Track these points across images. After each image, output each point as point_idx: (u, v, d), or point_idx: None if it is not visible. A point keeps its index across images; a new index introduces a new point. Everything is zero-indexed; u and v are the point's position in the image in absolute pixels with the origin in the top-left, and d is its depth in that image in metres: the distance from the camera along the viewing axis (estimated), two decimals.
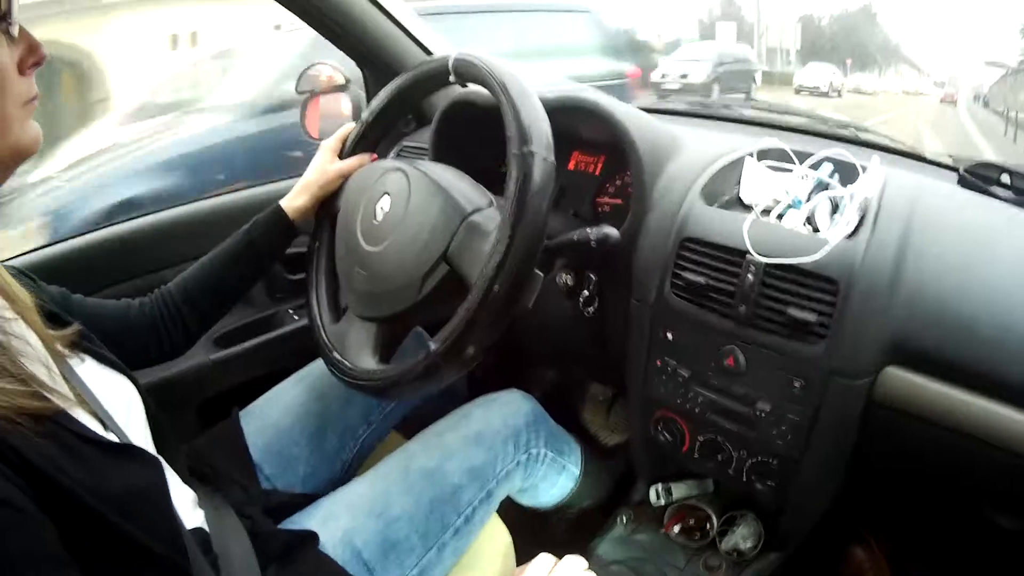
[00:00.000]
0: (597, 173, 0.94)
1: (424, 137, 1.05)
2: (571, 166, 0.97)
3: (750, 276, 0.69)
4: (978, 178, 0.83)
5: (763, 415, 0.73)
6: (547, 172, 0.58)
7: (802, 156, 0.78)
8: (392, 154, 1.13)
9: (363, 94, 1.15)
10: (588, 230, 0.66)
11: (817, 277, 0.67)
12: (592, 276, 0.85)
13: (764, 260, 0.68)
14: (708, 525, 0.87)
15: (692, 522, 0.89)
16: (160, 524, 0.40)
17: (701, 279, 0.73)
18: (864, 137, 1.01)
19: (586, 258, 0.85)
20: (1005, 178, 0.82)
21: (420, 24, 1.12)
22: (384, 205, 0.71)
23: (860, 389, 0.68)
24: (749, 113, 1.12)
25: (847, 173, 0.77)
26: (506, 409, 0.81)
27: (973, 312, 0.64)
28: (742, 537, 0.86)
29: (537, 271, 0.59)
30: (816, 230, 0.73)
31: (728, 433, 0.78)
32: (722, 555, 0.86)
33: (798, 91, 12.15)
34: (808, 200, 0.75)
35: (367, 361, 0.68)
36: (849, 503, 0.86)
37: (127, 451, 0.46)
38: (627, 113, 0.83)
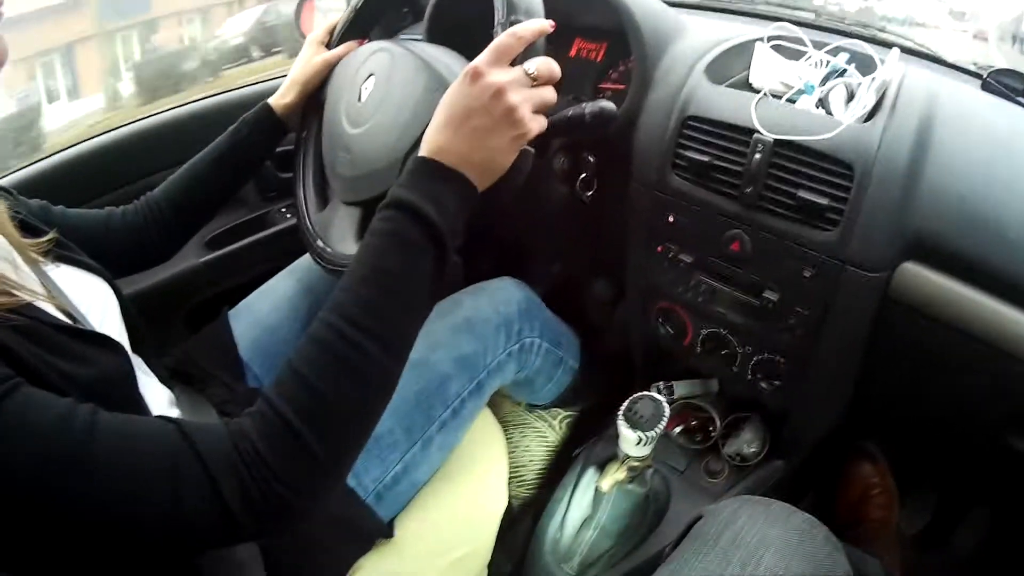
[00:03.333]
0: (599, 60, 0.89)
1: (421, 30, 1.01)
2: (572, 53, 0.91)
3: (758, 155, 0.65)
4: (1003, 85, 0.77)
5: (771, 306, 0.69)
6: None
7: (818, 45, 0.73)
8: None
9: None
10: (583, 105, 0.62)
11: (830, 159, 0.63)
12: (590, 159, 0.81)
13: (773, 137, 0.63)
14: (711, 427, 0.84)
15: (694, 423, 0.86)
16: (127, 411, 0.39)
17: (705, 158, 0.69)
18: (883, 36, 0.94)
19: (583, 139, 0.81)
20: None
21: None
22: (368, 86, 0.68)
23: (875, 282, 0.64)
24: (763, 8, 1.04)
25: (865, 64, 0.72)
26: (497, 296, 0.77)
27: (998, 213, 0.60)
28: (746, 442, 0.83)
29: (528, 147, 0.55)
30: (830, 115, 0.67)
31: (733, 326, 0.74)
32: (725, 459, 0.83)
33: None
34: (823, 85, 0.70)
35: (350, 247, 0.66)
36: (858, 415, 0.83)
37: (96, 339, 0.45)
38: None
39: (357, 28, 0.80)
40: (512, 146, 0.48)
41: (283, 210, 1.14)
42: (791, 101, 0.69)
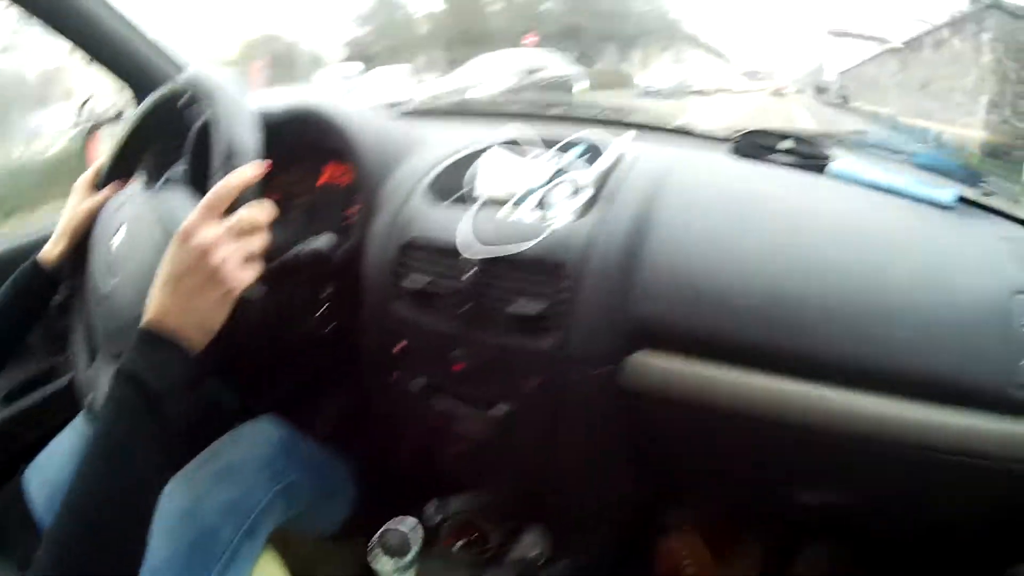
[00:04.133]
0: (346, 183, 0.88)
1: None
2: (321, 181, 0.90)
3: (470, 273, 0.65)
4: (752, 146, 0.83)
5: (506, 418, 0.68)
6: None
7: (552, 142, 0.76)
8: (160, 182, 1.06)
9: None
10: (299, 247, 0.62)
11: (542, 264, 0.64)
12: (328, 290, 0.79)
13: (479, 254, 0.64)
14: (490, 537, 0.82)
15: (475, 535, 0.84)
16: None
17: (425, 281, 0.69)
18: (635, 119, 1.00)
19: (317, 273, 0.79)
20: (786, 144, 0.83)
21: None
22: (120, 235, 0.66)
23: (605, 379, 0.64)
24: (515, 107, 1.11)
25: (598, 155, 0.74)
26: (257, 438, 0.77)
27: (725, 283, 0.62)
28: (528, 546, 0.80)
29: (253, 292, 0.53)
30: (551, 216, 0.69)
31: (477, 441, 0.73)
32: (509, 566, 0.80)
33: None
34: (548, 184, 0.72)
35: None
36: (648, 496, 0.83)
37: None
38: (351, 116, 0.79)
39: (121, 168, 0.76)
40: (222, 303, 0.50)
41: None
42: (518, 205, 0.70)
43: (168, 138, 0.90)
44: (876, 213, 0.74)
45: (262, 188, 0.53)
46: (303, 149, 0.83)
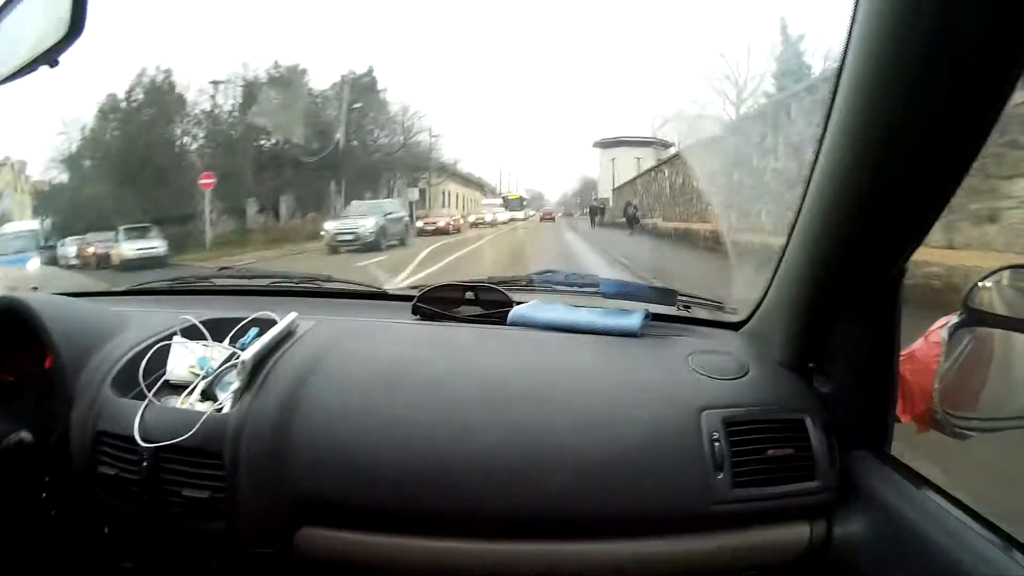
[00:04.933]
0: (48, 372, 0.86)
1: None
2: (25, 369, 0.87)
3: (145, 463, 0.70)
4: (434, 303, 0.87)
5: None
6: None
7: (231, 324, 0.80)
8: None
9: None
10: (5, 441, 0.64)
11: (201, 452, 0.68)
12: (46, 478, 0.80)
13: (149, 445, 0.69)
14: None
15: None
16: None
17: (115, 471, 0.72)
18: (328, 287, 1.06)
19: (25, 464, 0.79)
20: (469, 295, 0.89)
21: None
22: None
23: (278, 557, 0.68)
24: (220, 282, 1.14)
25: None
26: None
27: (379, 454, 0.66)
28: None
29: None
30: (215, 402, 0.74)
31: None
32: None
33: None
34: (220, 369, 0.77)
35: None
36: None
37: None
38: (46, 304, 0.82)
39: None
40: None
41: None
42: (191, 393, 0.75)
43: None
44: (552, 357, 0.78)
45: None
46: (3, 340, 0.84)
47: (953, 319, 0.67)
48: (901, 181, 0.51)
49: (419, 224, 14.99)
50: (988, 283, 0.68)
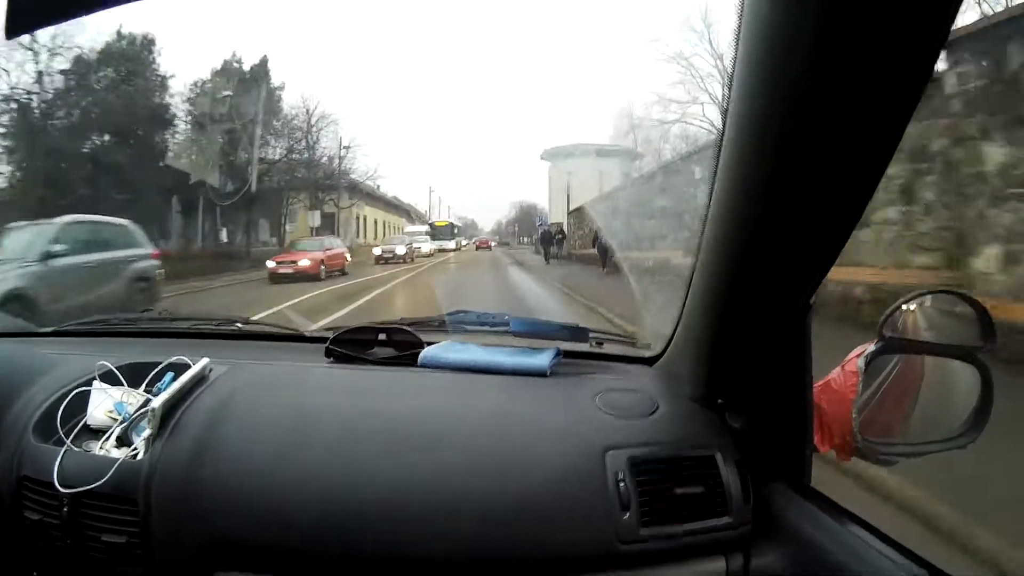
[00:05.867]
0: None
1: None
2: None
3: (65, 508, 0.70)
4: (346, 345, 0.87)
5: None
6: None
7: (148, 368, 0.80)
8: None
9: None
10: None
11: (117, 499, 0.68)
12: None
13: (67, 491, 0.69)
14: None
15: None
16: None
17: (36, 517, 0.72)
18: (246, 329, 1.06)
19: None
20: (381, 337, 0.88)
21: None
22: None
23: None
24: (144, 324, 1.14)
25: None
26: None
27: (285, 498, 0.66)
28: None
29: None
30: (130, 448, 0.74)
31: None
32: None
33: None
34: (135, 414, 0.76)
35: None
36: None
37: None
38: None
39: None
40: None
41: None
42: (108, 439, 0.74)
43: None
44: (460, 400, 0.77)
45: None
46: None
47: (870, 347, 0.64)
48: (795, 211, 0.48)
49: (270, 265, 10.74)
50: (911, 306, 0.65)
